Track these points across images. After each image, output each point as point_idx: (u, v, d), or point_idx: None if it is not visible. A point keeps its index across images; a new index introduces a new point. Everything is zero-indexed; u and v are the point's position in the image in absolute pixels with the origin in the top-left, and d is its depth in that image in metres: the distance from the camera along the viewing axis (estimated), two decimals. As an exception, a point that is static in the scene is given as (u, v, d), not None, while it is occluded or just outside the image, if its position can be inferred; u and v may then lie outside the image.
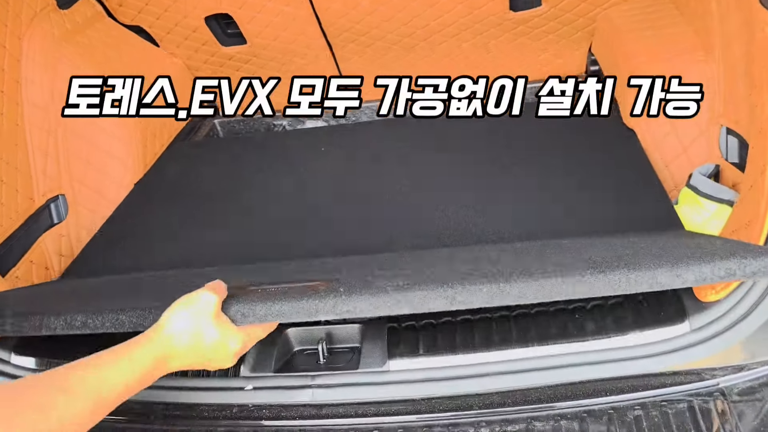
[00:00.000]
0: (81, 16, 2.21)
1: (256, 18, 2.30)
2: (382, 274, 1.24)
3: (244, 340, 1.13)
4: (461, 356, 1.32)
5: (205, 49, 2.45)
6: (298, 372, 1.36)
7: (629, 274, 1.10)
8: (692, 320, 1.27)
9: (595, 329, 1.30)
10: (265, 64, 2.49)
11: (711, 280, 1.09)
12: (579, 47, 2.41)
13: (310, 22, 2.31)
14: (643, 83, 1.68)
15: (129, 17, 2.36)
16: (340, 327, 1.44)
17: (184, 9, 2.29)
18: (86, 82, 1.53)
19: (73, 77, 1.52)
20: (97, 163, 2.10)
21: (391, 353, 1.33)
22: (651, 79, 1.72)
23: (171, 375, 1.38)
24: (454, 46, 2.42)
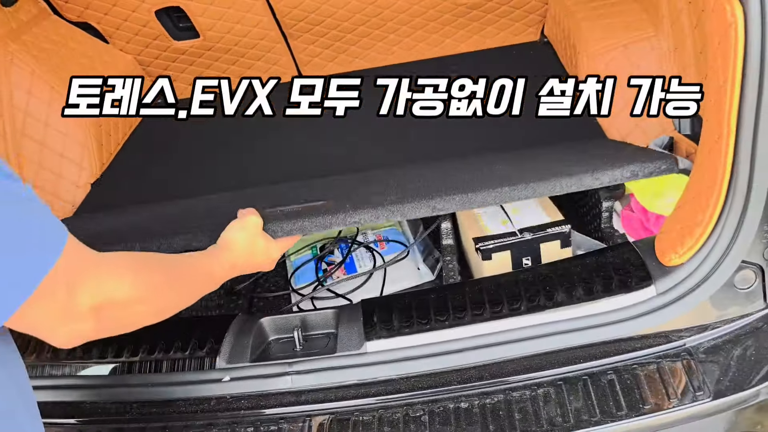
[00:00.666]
0: (26, 14, 2.13)
1: (208, 10, 2.26)
2: (376, 191, 1.51)
3: (281, 248, 1.41)
4: (436, 333, 1.33)
5: (156, 44, 2.40)
6: (275, 360, 1.36)
7: (562, 180, 1.43)
8: (658, 284, 1.31)
9: (566, 299, 1.33)
10: (220, 57, 2.46)
11: (621, 180, 1.46)
12: (532, 28, 2.46)
13: (264, 13, 2.29)
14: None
15: (75, 13, 2.29)
16: (315, 314, 1.45)
17: (133, 3, 2.24)
18: (86, 82, 1.52)
19: (73, 77, 1.52)
20: (51, 165, 2.04)
21: (368, 335, 1.34)
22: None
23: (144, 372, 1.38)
24: (408, 32, 2.43)
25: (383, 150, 1.98)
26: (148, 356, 1.40)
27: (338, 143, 2.02)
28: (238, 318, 1.45)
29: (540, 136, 1.79)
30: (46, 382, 1.41)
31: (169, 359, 1.39)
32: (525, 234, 1.63)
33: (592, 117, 1.72)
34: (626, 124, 1.87)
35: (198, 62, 2.48)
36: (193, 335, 1.42)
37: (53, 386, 1.41)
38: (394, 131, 1.92)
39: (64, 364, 1.42)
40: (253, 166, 2.06)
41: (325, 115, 1.56)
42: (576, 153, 1.66)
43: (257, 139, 2.15)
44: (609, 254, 1.45)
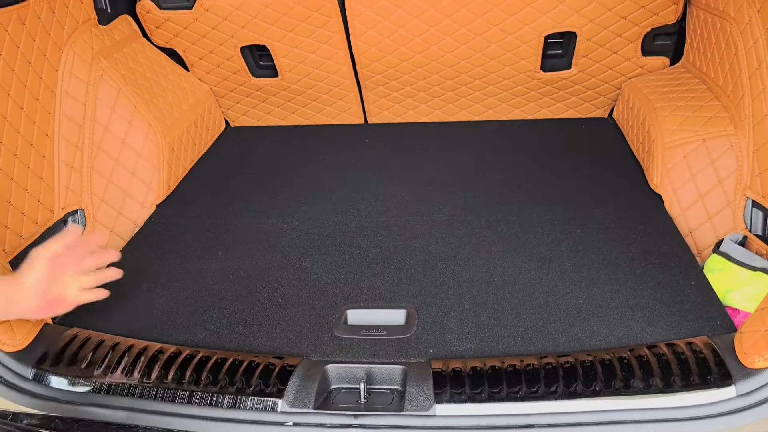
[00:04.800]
0: (119, 34, 2.20)
1: (292, 52, 2.32)
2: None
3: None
4: (508, 405, 1.30)
5: (234, 77, 2.45)
6: (340, 410, 1.33)
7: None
8: (738, 385, 1.28)
9: (644, 387, 1.30)
10: (293, 98, 2.51)
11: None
12: (600, 110, 2.50)
13: (344, 62, 2.34)
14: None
15: (164, 40, 2.36)
16: (382, 367, 1.42)
17: (222, 37, 2.31)
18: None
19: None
20: (120, 181, 2.07)
21: (437, 397, 1.31)
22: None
23: (205, 404, 1.35)
24: (480, 98, 2.48)
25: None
26: (210, 388, 1.37)
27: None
28: (304, 362, 1.43)
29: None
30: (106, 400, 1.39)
31: (230, 394, 1.36)
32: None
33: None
34: (697, 218, 1.88)
35: (270, 100, 2.53)
36: (255, 374, 1.40)
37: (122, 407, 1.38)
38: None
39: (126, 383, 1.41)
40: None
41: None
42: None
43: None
44: (686, 347, 1.43)
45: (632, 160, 2.18)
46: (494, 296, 1.62)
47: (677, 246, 1.77)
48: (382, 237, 1.91)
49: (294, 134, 2.58)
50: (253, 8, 2.22)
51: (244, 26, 2.27)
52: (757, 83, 1.76)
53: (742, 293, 1.60)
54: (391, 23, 2.21)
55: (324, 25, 2.24)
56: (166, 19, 2.30)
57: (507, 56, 2.28)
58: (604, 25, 2.20)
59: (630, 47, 2.28)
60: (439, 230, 1.92)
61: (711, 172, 1.86)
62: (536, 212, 1.96)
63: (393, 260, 1.80)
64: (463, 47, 2.26)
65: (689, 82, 2.15)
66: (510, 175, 2.18)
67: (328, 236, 1.91)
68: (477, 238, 1.87)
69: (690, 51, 2.24)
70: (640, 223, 1.87)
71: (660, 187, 1.94)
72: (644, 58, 2.32)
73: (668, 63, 2.33)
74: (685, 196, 1.90)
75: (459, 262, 1.77)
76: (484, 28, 2.21)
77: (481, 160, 2.29)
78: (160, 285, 1.75)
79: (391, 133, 2.53)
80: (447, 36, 2.24)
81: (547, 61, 2.33)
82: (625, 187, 2.05)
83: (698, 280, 1.62)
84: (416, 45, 2.26)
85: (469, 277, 1.71)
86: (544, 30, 2.21)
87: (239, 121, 2.66)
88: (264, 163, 2.37)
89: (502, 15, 2.17)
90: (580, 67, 2.31)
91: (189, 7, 2.25)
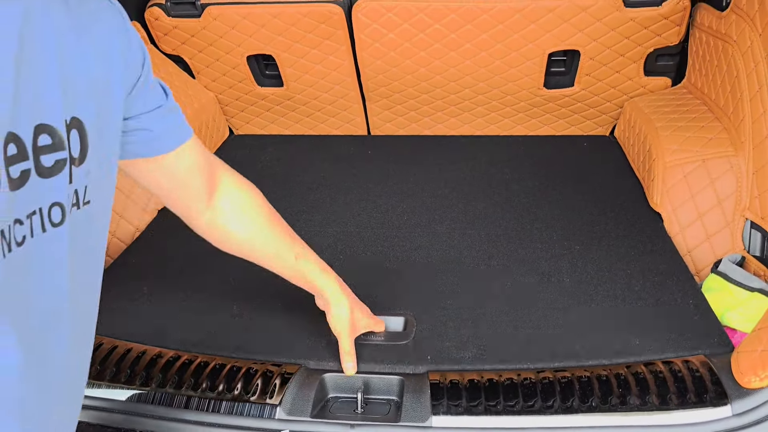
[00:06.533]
0: (127, 39, 2.22)
1: (298, 63, 2.35)
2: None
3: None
4: (504, 418, 1.31)
5: (240, 86, 2.47)
6: (337, 419, 1.33)
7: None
8: (734, 405, 1.29)
9: (640, 404, 1.31)
10: (297, 108, 2.53)
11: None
12: (601, 128, 2.52)
13: (349, 73, 2.36)
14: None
15: (171, 47, 2.38)
16: (379, 377, 1.43)
17: (228, 46, 2.33)
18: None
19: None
20: (123, 185, 2.07)
21: (434, 409, 1.32)
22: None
23: (202, 409, 1.35)
24: (483, 113, 2.50)
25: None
26: (208, 393, 1.38)
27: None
28: (302, 370, 1.44)
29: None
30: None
31: (228, 400, 1.37)
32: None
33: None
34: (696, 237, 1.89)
35: (275, 109, 2.55)
36: (254, 380, 1.41)
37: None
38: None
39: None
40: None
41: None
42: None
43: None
44: (683, 365, 1.43)
45: (633, 179, 2.20)
46: (493, 308, 1.63)
47: (676, 265, 1.78)
48: (382, 248, 1.92)
49: (297, 143, 2.60)
50: (261, 18, 2.25)
51: (251, 35, 2.29)
52: (757, 106, 1.78)
53: (740, 313, 1.61)
54: (397, 36, 2.24)
55: (330, 37, 2.27)
56: (174, 27, 2.32)
57: (511, 72, 2.30)
58: (607, 44, 2.22)
59: (632, 67, 2.30)
60: (440, 242, 1.93)
61: (711, 193, 1.88)
62: (536, 227, 1.98)
63: (393, 270, 1.81)
64: (468, 62, 2.28)
65: (690, 102, 2.17)
66: (511, 190, 2.19)
67: (329, 246, 1.92)
68: (477, 251, 1.88)
69: (692, 72, 2.26)
70: (640, 241, 1.88)
71: (660, 205, 1.96)
72: (646, 78, 2.34)
73: (670, 83, 2.36)
74: (685, 216, 1.92)
75: (459, 274, 1.78)
76: (489, 44, 2.23)
77: (482, 175, 2.30)
78: (160, 289, 1.76)
79: (393, 145, 2.55)
80: (452, 51, 2.26)
81: (550, 78, 2.35)
82: (625, 205, 2.07)
83: (696, 298, 1.63)
84: (421, 59, 2.29)
85: (468, 289, 1.72)
86: (548, 47, 2.24)
87: (243, 129, 2.68)
88: (266, 171, 2.38)
89: (507, 32, 2.19)
90: (583, 85, 2.34)
91: (197, 15, 2.27)
